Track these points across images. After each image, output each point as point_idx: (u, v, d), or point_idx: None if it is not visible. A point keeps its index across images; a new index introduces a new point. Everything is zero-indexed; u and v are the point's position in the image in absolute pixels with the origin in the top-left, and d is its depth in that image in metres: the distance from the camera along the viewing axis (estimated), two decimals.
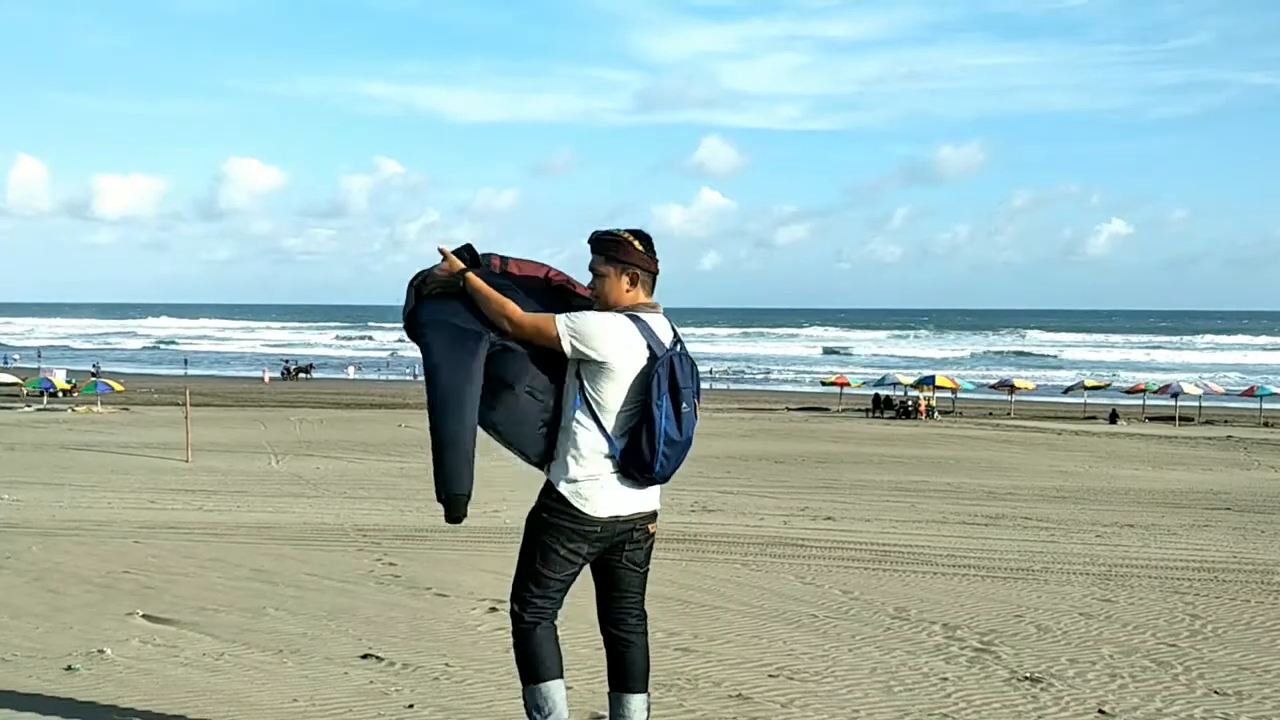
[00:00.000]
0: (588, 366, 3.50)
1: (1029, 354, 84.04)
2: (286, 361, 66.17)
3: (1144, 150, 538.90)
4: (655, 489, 3.65)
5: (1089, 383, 47.78)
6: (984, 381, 51.38)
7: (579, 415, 3.53)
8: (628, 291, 3.57)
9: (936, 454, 24.37)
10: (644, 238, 3.61)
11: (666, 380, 3.47)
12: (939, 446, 26.60)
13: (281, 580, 7.73)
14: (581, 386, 3.52)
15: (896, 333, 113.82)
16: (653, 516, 3.68)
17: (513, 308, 3.51)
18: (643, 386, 3.47)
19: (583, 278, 3.72)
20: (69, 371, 48.58)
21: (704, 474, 18.82)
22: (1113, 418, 38.27)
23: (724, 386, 57.48)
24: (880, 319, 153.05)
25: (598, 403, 3.51)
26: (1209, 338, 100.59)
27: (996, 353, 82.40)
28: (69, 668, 5.24)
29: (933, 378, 44.69)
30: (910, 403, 40.81)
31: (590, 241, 3.65)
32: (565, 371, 3.58)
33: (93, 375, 47.18)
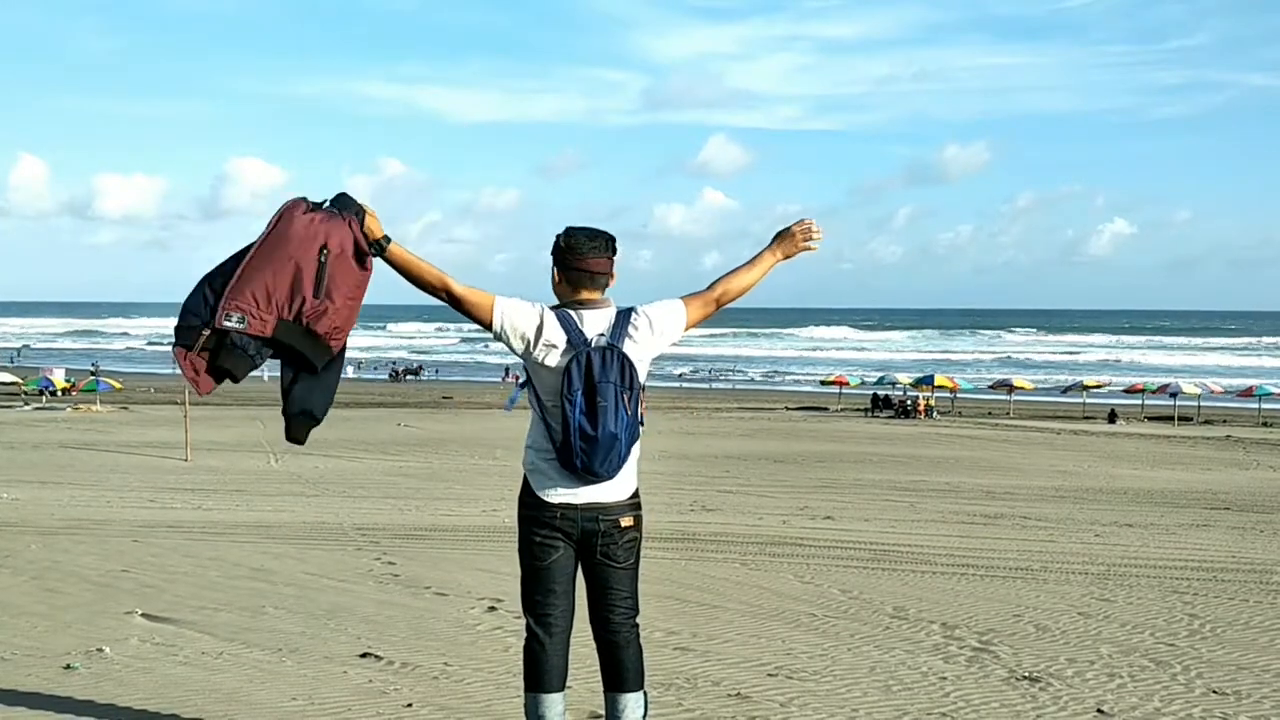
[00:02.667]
0: (519, 356, 3.59)
1: (1029, 353, 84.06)
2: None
3: (1145, 151, 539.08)
4: (619, 481, 3.61)
5: (1088, 382, 47.78)
6: (983, 381, 51.42)
7: (531, 404, 3.64)
8: (559, 285, 3.65)
9: (935, 453, 24.37)
10: (576, 235, 3.62)
11: (580, 374, 3.48)
12: (938, 446, 26.60)
13: (280, 579, 7.73)
14: (530, 376, 3.63)
15: (897, 333, 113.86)
16: (623, 509, 3.63)
17: (451, 279, 3.56)
18: (560, 380, 3.50)
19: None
20: (68, 370, 48.60)
21: (703, 473, 18.83)
22: (1111, 417, 38.28)
23: (726, 386, 57.54)
24: (881, 318, 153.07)
25: (537, 393, 3.60)
26: (1210, 339, 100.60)
27: (1001, 356, 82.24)
28: (68, 666, 5.25)
29: (931, 377, 44.69)
30: (909, 402, 40.83)
31: None
32: None
33: (92, 374, 47.16)
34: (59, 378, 42.71)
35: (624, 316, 3.62)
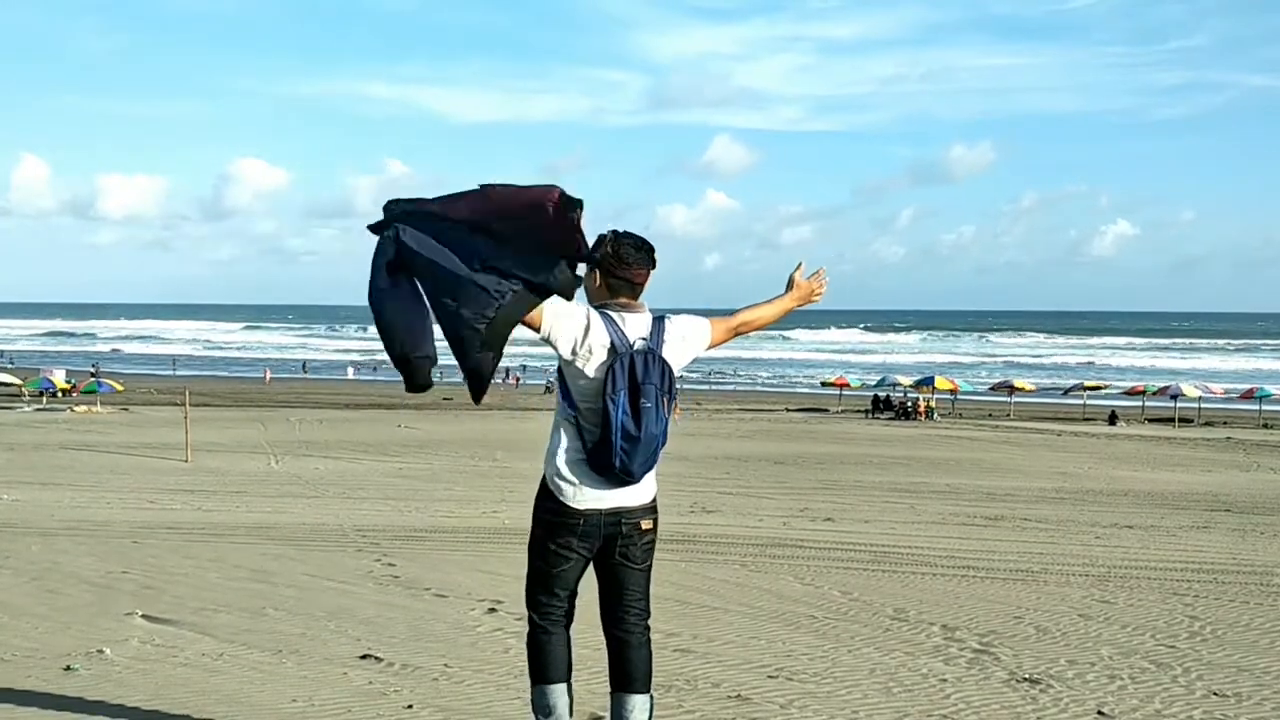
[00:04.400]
0: (561, 358, 3.58)
1: (1030, 355, 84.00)
2: None
3: (1147, 151, 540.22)
4: (644, 484, 3.65)
5: (1088, 384, 47.78)
6: (984, 383, 51.39)
7: (562, 408, 3.63)
8: (597, 287, 3.65)
9: (936, 455, 24.36)
10: (623, 243, 3.62)
11: (624, 376, 3.51)
12: (938, 448, 26.59)
13: (280, 580, 7.73)
14: (563, 379, 3.62)
15: (900, 335, 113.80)
16: (644, 512, 3.68)
17: None
18: (604, 381, 3.51)
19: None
20: (68, 371, 48.62)
21: (703, 475, 18.82)
22: (1112, 419, 38.28)
23: (731, 387, 57.54)
24: (884, 320, 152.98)
25: (574, 396, 3.59)
26: (1212, 340, 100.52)
27: (1004, 359, 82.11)
28: (68, 667, 5.24)
29: (932, 378, 44.71)
30: (910, 404, 40.83)
31: None
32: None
33: (92, 375, 47.18)
34: (60, 379, 42.74)
35: (659, 323, 3.66)
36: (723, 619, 6.69)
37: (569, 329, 3.52)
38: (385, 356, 3.64)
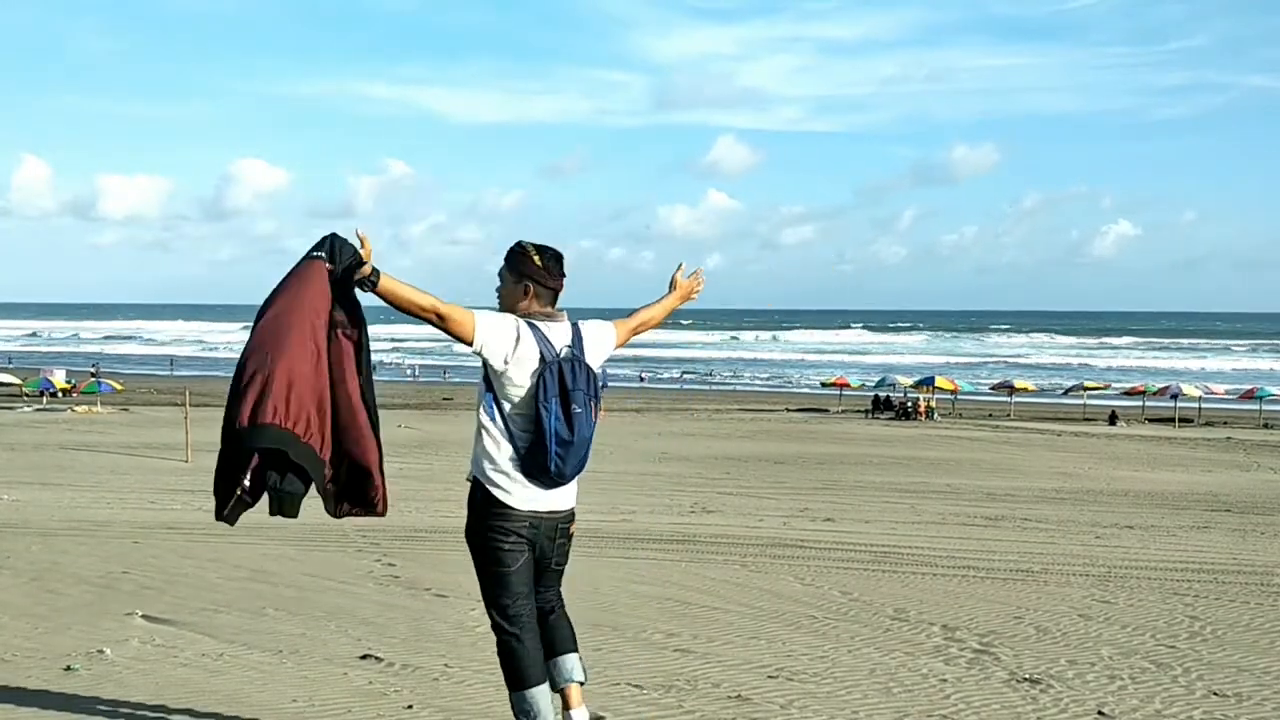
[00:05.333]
0: (491, 368, 3.68)
1: (1032, 356, 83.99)
2: None
3: (1147, 152, 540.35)
4: (570, 487, 3.81)
5: (1089, 384, 47.76)
6: (984, 383, 51.38)
7: (486, 416, 3.73)
8: (521, 300, 3.77)
9: (936, 455, 24.36)
10: (547, 253, 3.77)
11: (555, 383, 3.65)
12: (938, 448, 26.59)
13: (281, 581, 7.74)
14: (490, 387, 3.73)
15: (902, 335, 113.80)
16: (570, 517, 3.86)
17: (438, 300, 3.63)
18: (535, 389, 3.64)
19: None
20: (68, 371, 48.63)
21: (703, 475, 18.83)
22: (1112, 419, 38.27)
23: (731, 387, 57.54)
24: (883, 319, 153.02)
25: (501, 404, 3.71)
26: (1212, 340, 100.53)
27: (1004, 359, 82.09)
28: (68, 668, 5.24)
29: (932, 378, 44.69)
30: (910, 404, 40.82)
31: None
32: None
33: (92, 375, 47.18)
34: (59, 379, 42.73)
35: (576, 329, 3.82)
36: (723, 619, 6.70)
37: (501, 342, 3.64)
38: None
